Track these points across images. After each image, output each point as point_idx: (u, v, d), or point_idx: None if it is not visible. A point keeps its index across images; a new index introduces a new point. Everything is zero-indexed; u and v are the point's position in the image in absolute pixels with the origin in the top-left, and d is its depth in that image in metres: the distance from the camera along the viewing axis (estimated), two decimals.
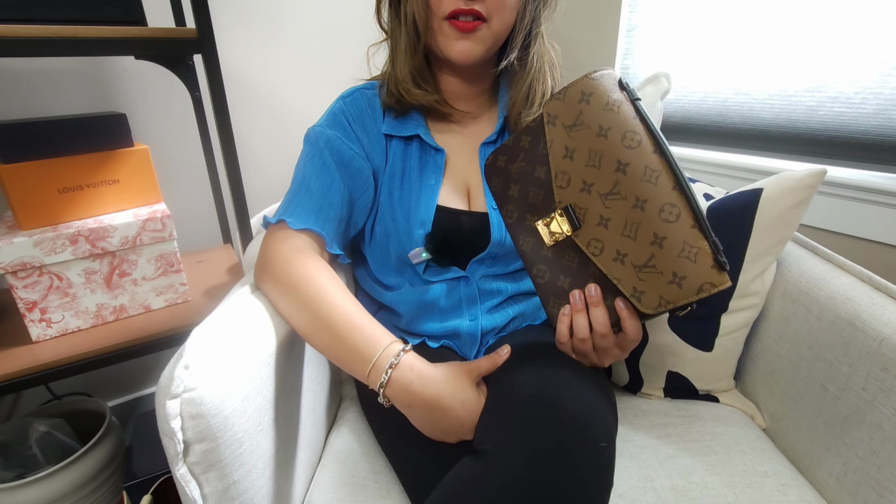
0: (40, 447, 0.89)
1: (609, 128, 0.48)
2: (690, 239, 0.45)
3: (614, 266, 0.49)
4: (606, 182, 0.48)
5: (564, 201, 0.51)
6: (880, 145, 0.93)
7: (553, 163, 0.51)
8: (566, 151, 0.50)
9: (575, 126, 0.49)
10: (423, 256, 0.65)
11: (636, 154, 0.47)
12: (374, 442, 0.68)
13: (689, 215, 0.45)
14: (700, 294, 0.45)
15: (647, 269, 0.47)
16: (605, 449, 0.47)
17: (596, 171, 0.49)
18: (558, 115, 0.50)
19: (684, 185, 0.45)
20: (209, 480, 0.46)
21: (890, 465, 0.54)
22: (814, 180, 0.64)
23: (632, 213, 0.47)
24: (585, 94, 0.49)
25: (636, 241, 0.47)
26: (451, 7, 0.57)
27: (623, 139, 0.47)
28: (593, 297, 0.51)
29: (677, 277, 0.46)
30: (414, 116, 0.68)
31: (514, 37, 0.64)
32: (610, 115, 0.48)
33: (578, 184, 0.50)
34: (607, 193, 0.48)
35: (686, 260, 0.45)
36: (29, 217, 0.77)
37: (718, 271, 0.45)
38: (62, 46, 0.69)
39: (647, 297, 0.48)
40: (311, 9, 1.23)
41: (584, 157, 0.49)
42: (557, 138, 0.51)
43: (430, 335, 0.70)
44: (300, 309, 0.55)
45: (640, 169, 0.46)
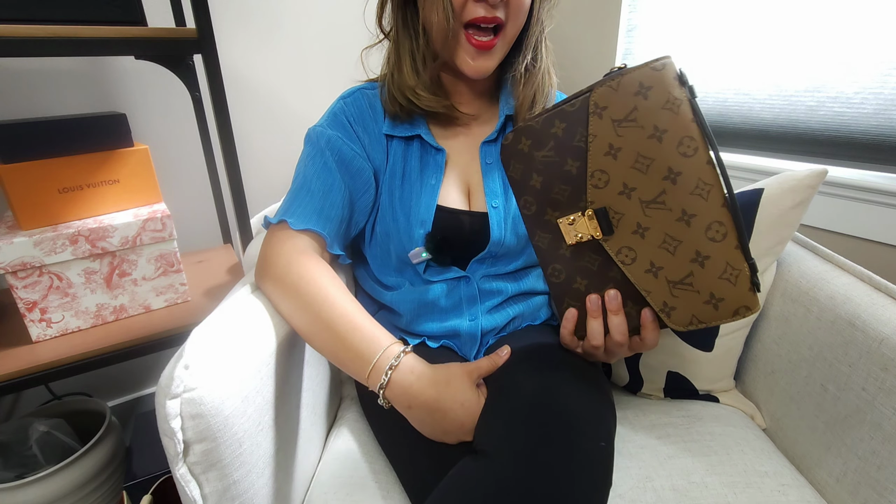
0: (40, 447, 0.89)
1: (666, 130, 0.43)
2: (733, 260, 0.43)
3: (645, 278, 0.46)
4: (652, 189, 0.44)
5: (598, 203, 0.47)
6: (880, 145, 0.93)
7: (592, 160, 0.46)
8: (610, 149, 0.45)
9: (626, 122, 0.44)
10: (423, 256, 0.65)
11: (690, 163, 0.42)
12: (374, 442, 0.68)
13: (735, 235, 0.43)
14: (735, 317, 0.44)
15: (683, 286, 0.45)
16: (604, 449, 0.47)
17: (641, 176, 0.44)
18: (608, 106, 0.45)
19: (734, 202, 0.42)
20: (209, 480, 0.46)
21: (890, 465, 0.54)
22: (814, 180, 0.64)
23: (675, 227, 0.44)
24: (644, 86, 0.43)
25: (675, 256, 0.44)
26: (475, 14, 0.57)
27: (679, 145, 0.42)
28: (613, 305, 0.49)
29: (714, 298, 0.44)
30: (416, 119, 0.68)
31: (527, 40, 0.64)
32: (668, 116, 0.43)
33: (618, 186, 0.45)
34: (650, 201, 0.44)
35: (726, 282, 0.43)
36: (29, 217, 0.77)
37: (753, 294, 0.43)
38: (62, 46, 0.69)
39: (677, 314, 0.46)
40: (311, 9, 1.23)
41: (630, 159, 0.45)
42: (602, 133, 0.45)
43: (429, 335, 0.70)
44: (301, 309, 0.55)
45: (692, 180, 0.43)
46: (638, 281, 0.47)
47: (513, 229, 0.66)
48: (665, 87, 0.42)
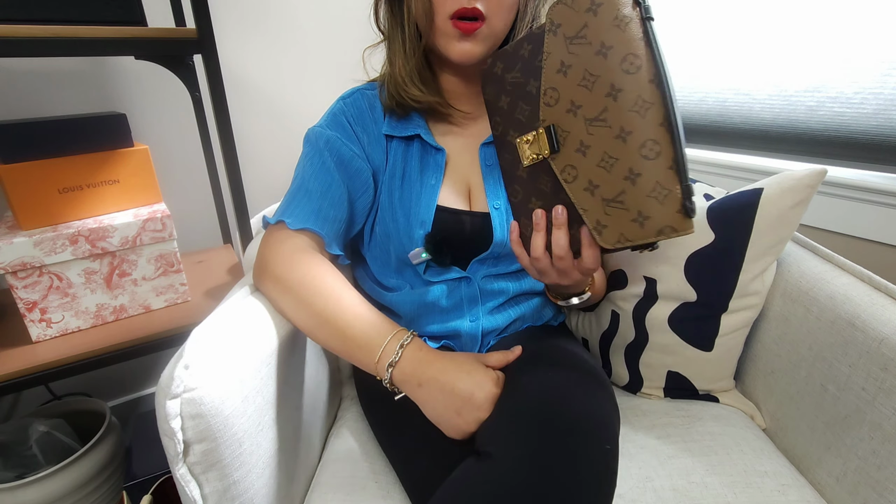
0: (40, 447, 0.89)
1: (611, 46, 0.43)
2: (664, 180, 0.43)
3: (584, 196, 0.47)
4: (595, 106, 0.45)
5: (548, 120, 0.48)
6: (880, 145, 0.93)
7: (545, 77, 0.47)
8: (561, 66, 0.46)
9: (576, 39, 0.45)
10: (422, 257, 0.65)
11: (632, 80, 0.42)
12: (374, 442, 0.68)
13: (670, 156, 0.42)
14: (659, 236, 0.43)
15: (615, 203, 0.45)
16: (609, 451, 0.47)
17: (587, 93, 0.45)
18: (562, 23, 0.45)
19: (673, 122, 0.42)
20: (209, 480, 0.46)
21: (890, 465, 0.54)
22: (814, 180, 0.64)
23: (613, 144, 0.44)
24: (595, 3, 0.43)
25: (610, 173, 0.45)
26: (455, 6, 0.57)
27: (623, 62, 0.43)
28: (559, 218, 0.49)
29: (641, 216, 0.44)
30: (414, 118, 0.68)
31: (515, 35, 0.64)
32: (615, 33, 0.43)
33: (566, 104, 0.46)
34: (593, 119, 0.45)
35: (654, 200, 0.43)
36: (29, 217, 0.77)
37: (683, 217, 0.43)
38: (62, 46, 0.69)
39: (608, 232, 0.46)
40: (311, 9, 1.23)
41: (577, 75, 0.45)
42: (555, 50, 0.46)
43: (430, 335, 0.70)
44: (304, 306, 0.56)
45: (632, 97, 0.43)
46: (577, 199, 0.47)
47: None
48: (615, 5, 0.43)
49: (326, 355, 0.74)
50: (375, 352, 0.53)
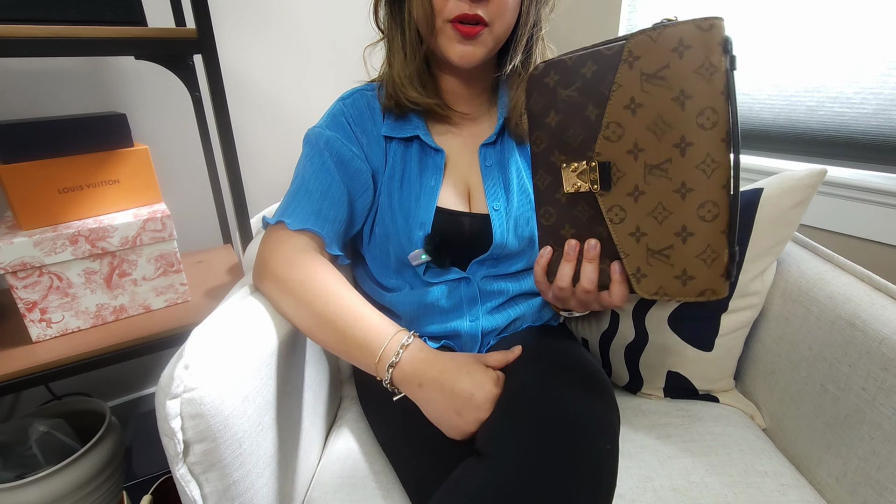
0: (40, 447, 0.89)
1: (691, 96, 0.41)
2: (715, 243, 0.42)
3: (628, 241, 0.46)
4: (660, 154, 0.43)
5: (605, 155, 0.45)
6: (880, 145, 0.93)
7: (611, 109, 0.44)
8: (631, 102, 0.43)
9: (654, 78, 0.42)
10: (422, 258, 0.65)
11: (706, 137, 0.41)
12: (374, 442, 0.68)
13: (725, 220, 0.41)
14: (699, 297, 0.43)
15: (661, 256, 0.44)
16: (609, 451, 0.47)
17: (654, 139, 0.43)
18: (641, 56, 0.43)
19: (734, 187, 0.41)
20: (209, 480, 0.46)
21: (890, 465, 0.54)
22: (814, 180, 0.64)
23: (670, 197, 0.43)
24: (684, 43, 0.41)
25: (662, 225, 0.44)
26: (456, 11, 0.57)
27: (699, 115, 0.40)
28: (591, 253, 0.48)
29: (685, 275, 0.43)
30: (413, 118, 0.68)
31: (517, 40, 0.64)
32: (697, 82, 0.40)
33: (629, 144, 0.44)
34: (655, 167, 0.43)
35: (701, 262, 0.42)
36: (29, 217, 0.77)
37: (724, 281, 0.43)
38: (62, 46, 0.69)
39: (646, 282, 0.45)
40: (311, 9, 1.23)
41: (648, 118, 0.43)
42: (628, 84, 0.43)
43: (430, 336, 0.70)
44: (304, 306, 0.56)
45: (701, 154, 0.41)
46: (620, 242, 0.46)
47: (514, 231, 0.66)
48: (704, 50, 0.40)
49: (326, 355, 0.74)
50: (376, 353, 0.53)
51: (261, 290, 0.60)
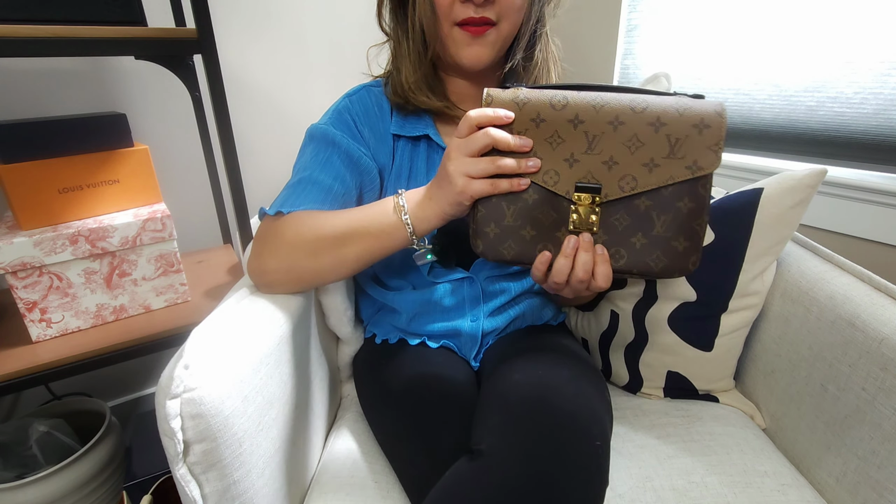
0: (40, 447, 0.89)
1: (537, 113, 0.48)
2: (668, 100, 0.47)
3: (656, 174, 0.48)
4: (579, 141, 0.48)
5: (570, 188, 0.50)
6: (880, 145, 0.93)
7: (532, 176, 0.50)
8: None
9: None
10: (427, 258, 0.65)
11: (572, 105, 0.48)
12: (373, 442, 0.68)
13: (647, 94, 0.48)
14: (722, 114, 0.46)
15: (677, 146, 0.47)
16: (599, 447, 0.47)
17: (564, 145, 0.49)
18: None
19: (619, 87, 0.49)
20: (209, 480, 0.46)
21: (890, 465, 0.54)
22: (814, 180, 0.64)
23: (619, 134, 0.48)
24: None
25: (646, 143, 0.47)
26: (463, 15, 0.57)
27: (554, 108, 0.48)
28: (587, 244, 0.49)
29: (699, 124, 0.46)
30: (423, 117, 0.68)
31: (521, 37, 0.64)
32: (528, 108, 0.48)
33: (563, 165, 0.49)
34: (588, 147, 0.48)
35: (687, 109, 0.47)
36: (29, 217, 0.77)
37: (700, 98, 0.48)
38: (62, 46, 0.69)
39: (702, 158, 0.47)
40: (311, 9, 1.23)
41: (547, 149, 0.49)
42: None
43: (430, 335, 0.70)
44: (315, 251, 0.55)
45: (587, 108, 0.48)
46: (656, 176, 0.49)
47: None
48: (504, 103, 0.50)
49: (326, 355, 0.74)
50: (390, 222, 0.54)
51: (261, 272, 0.58)
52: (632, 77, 1.32)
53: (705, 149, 0.47)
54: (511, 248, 0.52)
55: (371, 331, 0.77)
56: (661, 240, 0.49)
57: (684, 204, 0.48)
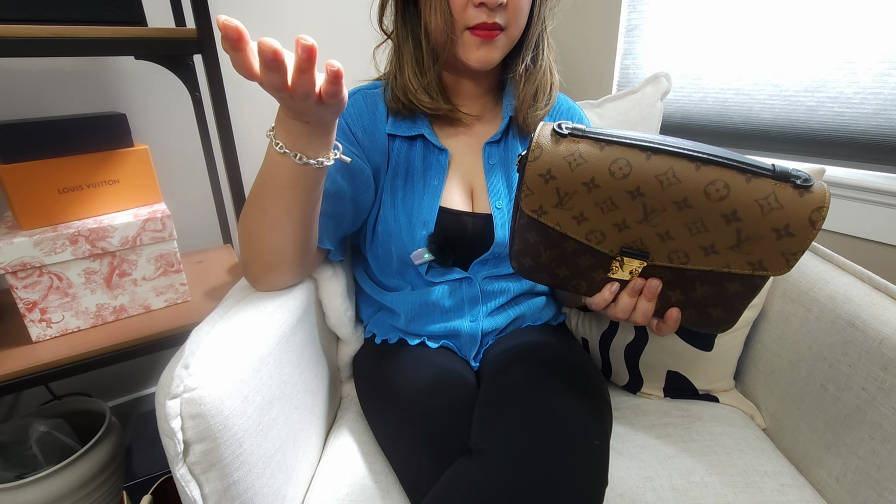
0: (40, 447, 0.89)
1: (592, 177, 0.42)
2: (756, 192, 0.40)
3: (713, 259, 0.44)
4: (634, 211, 0.43)
5: (615, 249, 0.46)
6: (880, 145, 0.93)
7: (575, 234, 0.46)
8: (578, 217, 0.45)
9: (563, 201, 0.44)
10: (425, 257, 0.65)
11: (636, 175, 0.42)
12: (373, 442, 0.68)
13: (735, 174, 0.40)
14: (816, 225, 0.39)
15: (746, 242, 0.42)
16: (598, 447, 0.47)
17: (617, 212, 0.44)
18: (541, 204, 0.45)
19: (702, 156, 0.40)
20: (209, 480, 0.46)
21: (890, 465, 0.54)
22: None
23: (684, 215, 0.42)
24: (546, 174, 0.43)
25: (710, 230, 0.42)
26: (475, 20, 0.58)
27: (613, 176, 0.42)
28: (651, 291, 0.47)
29: (781, 230, 0.40)
30: (419, 118, 0.68)
31: (528, 39, 0.64)
32: (582, 170, 0.42)
33: (612, 229, 0.45)
34: (644, 217, 0.43)
35: (774, 210, 0.40)
36: (29, 217, 0.77)
37: (807, 191, 0.39)
38: (62, 46, 0.69)
39: (769, 260, 0.42)
40: (311, 9, 1.23)
41: (596, 212, 0.44)
42: (560, 218, 0.46)
43: (430, 335, 0.70)
44: (255, 227, 0.54)
45: (652, 183, 0.41)
46: (709, 265, 0.45)
47: None
48: (559, 158, 0.43)
49: (326, 355, 0.74)
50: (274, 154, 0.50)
51: (248, 279, 0.59)
52: (632, 77, 1.32)
53: (778, 254, 0.41)
54: (545, 279, 0.51)
55: (371, 331, 0.77)
56: (698, 303, 0.47)
57: (734, 287, 0.45)
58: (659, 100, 1.09)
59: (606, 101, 1.13)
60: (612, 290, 0.48)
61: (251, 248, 0.57)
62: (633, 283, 0.48)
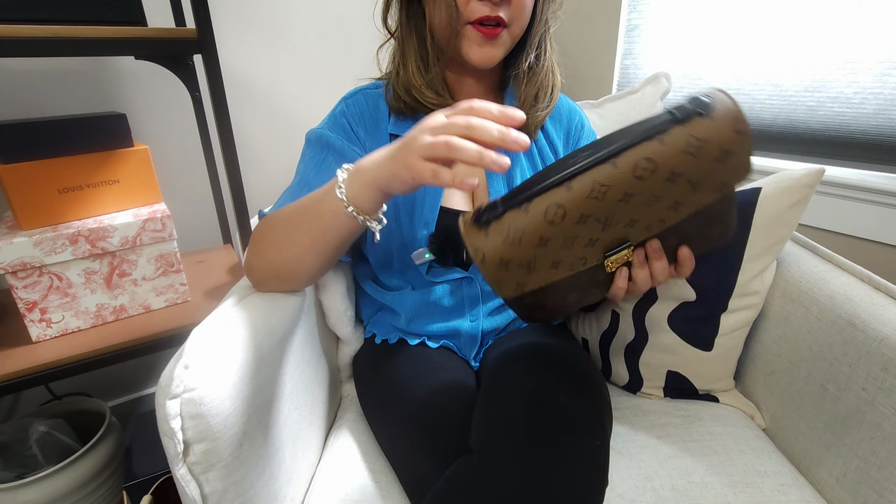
0: (40, 447, 0.89)
1: (539, 237, 0.42)
2: (676, 145, 0.40)
3: (683, 209, 0.44)
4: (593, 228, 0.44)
5: (600, 258, 0.47)
6: (880, 145, 0.93)
7: (560, 276, 0.46)
8: (553, 265, 0.45)
9: (531, 267, 0.45)
10: (426, 257, 0.65)
11: (572, 208, 0.42)
12: (373, 442, 0.68)
13: (647, 145, 0.40)
14: (743, 131, 0.39)
15: (700, 182, 0.42)
16: (599, 447, 0.47)
17: (580, 238, 0.44)
18: (516, 282, 0.45)
19: (612, 152, 0.40)
20: (209, 480, 0.46)
21: (890, 465, 0.54)
22: (812, 179, 0.64)
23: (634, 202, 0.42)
24: (501, 263, 0.43)
25: (665, 196, 0.42)
26: (479, 14, 0.58)
27: (554, 223, 0.42)
28: (655, 251, 0.47)
29: (720, 156, 0.40)
30: (421, 117, 0.68)
31: (531, 38, 0.64)
32: (527, 239, 0.42)
33: (586, 250, 0.46)
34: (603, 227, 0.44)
35: (701, 148, 0.40)
36: (29, 217, 0.77)
37: (713, 112, 0.40)
38: (62, 46, 0.69)
39: (729, 178, 0.43)
40: (311, 8, 1.23)
41: (564, 251, 0.44)
42: (538, 278, 0.46)
43: (430, 335, 0.70)
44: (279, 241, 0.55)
45: (589, 203, 0.42)
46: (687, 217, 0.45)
47: None
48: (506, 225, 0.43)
49: (326, 355, 0.74)
50: (334, 198, 0.49)
51: (252, 270, 0.59)
52: (632, 77, 1.32)
53: (732, 171, 0.42)
54: (562, 315, 0.53)
55: (371, 331, 0.77)
56: (697, 235, 0.48)
57: (715, 208, 0.45)
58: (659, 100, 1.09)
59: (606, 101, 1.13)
60: (623, 277, 0.49)
61: (265, 258, 0.57)
62: (637, 258, 0.48)
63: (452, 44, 0.62)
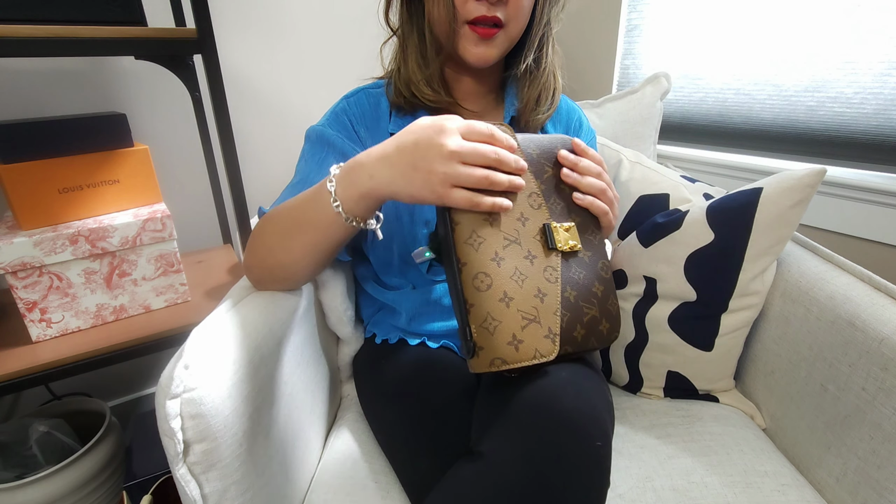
0: (40, 447, 0.89)
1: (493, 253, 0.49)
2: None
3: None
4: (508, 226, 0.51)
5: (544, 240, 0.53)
6: (880, 145, 0.93)
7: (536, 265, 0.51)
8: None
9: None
10: (426, 256, 0.65)
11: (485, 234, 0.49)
12: (373, 442, 0.68)
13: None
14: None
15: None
16: (600, 448, 0.47)
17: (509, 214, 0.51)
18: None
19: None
20: (209, 480, 0.46)
21: (890, 465, 0.54)
22: (813, 179, 0.64)
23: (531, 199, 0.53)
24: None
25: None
26: (475, 13, 0.58)
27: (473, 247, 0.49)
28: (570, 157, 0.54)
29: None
30: (421, 115, 0.68)
31: (531, 39, 0.64)
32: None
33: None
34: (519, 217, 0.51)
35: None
36: (29, 217, 0.77)
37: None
38: (62, 46, 0.69)
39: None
40: (311, 8, 1.23)
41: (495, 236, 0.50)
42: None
43: (430, 334, 0.70)
44: (273, 244, 0.55)
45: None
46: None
47: None
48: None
49: (326, 355, 0.74)
50: (326, 197, 0.50)
51: (249, 271, 0.59)
52: (632, 77, 1.32)
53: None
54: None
55: (371, 331, 0.77)
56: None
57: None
58: (659, 100, 1.09)
59: (606, 101, 1.13)
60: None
61: (262, 259, 0.57)
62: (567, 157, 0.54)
63: (452, 40, 0.62)
